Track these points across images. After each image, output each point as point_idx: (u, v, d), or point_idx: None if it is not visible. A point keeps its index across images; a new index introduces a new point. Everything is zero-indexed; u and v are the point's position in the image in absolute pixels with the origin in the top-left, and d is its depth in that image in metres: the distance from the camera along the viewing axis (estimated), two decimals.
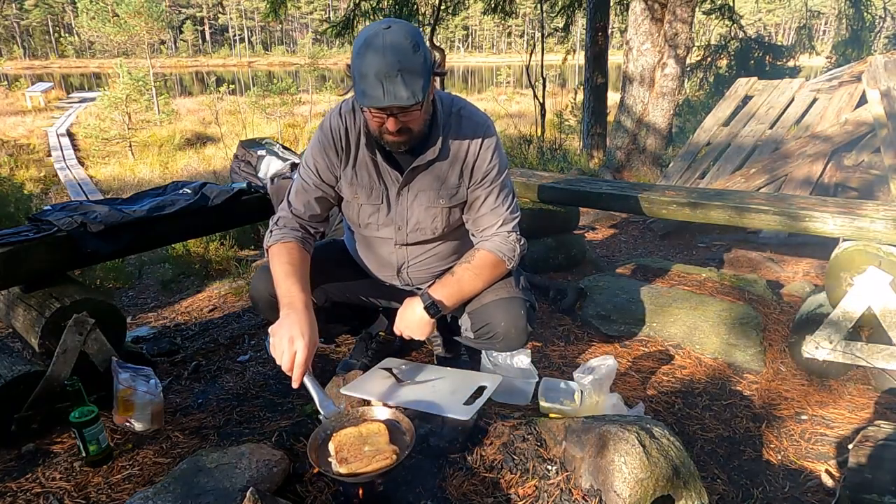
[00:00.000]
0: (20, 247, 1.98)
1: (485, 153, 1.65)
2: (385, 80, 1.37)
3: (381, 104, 1.39)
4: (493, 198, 1.69)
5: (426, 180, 1.66)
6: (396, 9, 9.13)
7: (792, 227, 2.34)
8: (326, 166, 1.70)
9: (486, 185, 1.67)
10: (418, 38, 1.43)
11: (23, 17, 69.18)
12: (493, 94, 26.69)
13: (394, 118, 1.45)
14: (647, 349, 2.32)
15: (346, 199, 1.74)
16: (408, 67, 1.38)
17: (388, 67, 1.37)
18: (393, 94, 1.38)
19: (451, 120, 1.64)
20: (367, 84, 1.39)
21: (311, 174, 1.72)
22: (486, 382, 1.63)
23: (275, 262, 1.66)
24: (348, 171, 1.68)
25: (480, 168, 1.66)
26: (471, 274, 1.67)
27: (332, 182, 1.72)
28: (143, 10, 23.65)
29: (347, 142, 1.66)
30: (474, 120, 1.66)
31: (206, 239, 4.44)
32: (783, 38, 36.28)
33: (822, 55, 13.10)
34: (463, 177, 1.67)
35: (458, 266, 1.70)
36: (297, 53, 58.64)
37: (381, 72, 1.37)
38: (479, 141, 1.64)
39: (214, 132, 18.07)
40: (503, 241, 1.70)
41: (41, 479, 1.59)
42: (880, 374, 2.05)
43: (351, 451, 1.33)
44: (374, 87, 1.38)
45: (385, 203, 1.69)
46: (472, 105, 1.72)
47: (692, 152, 4.85)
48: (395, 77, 1.37)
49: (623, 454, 1.30)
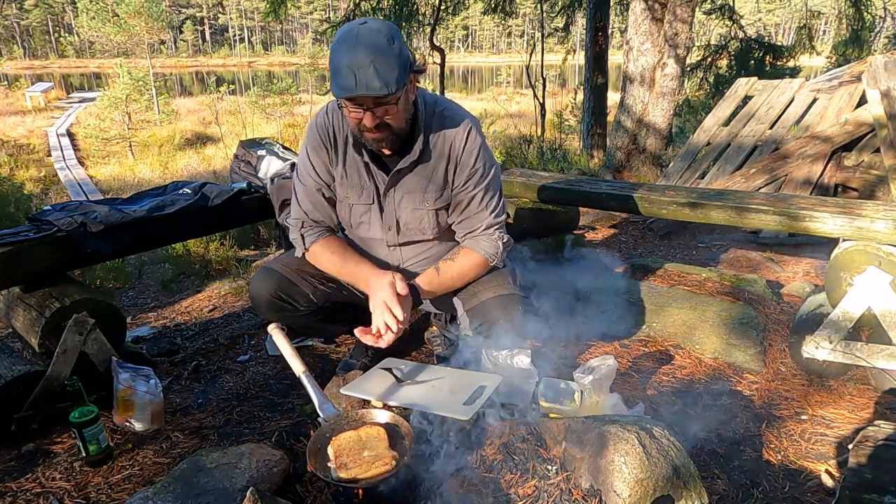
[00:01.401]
0: (20, 247, 1.98)
1: (468, 155, 1.64)
2: (357, 70, 1.38)
3: (354, 93, 1.39)
4: (478, 201, 1.69)
5: (411, 182, 1.66)
6: (396, 9, 9.11)
7: (792, 227, 2.34)
8: (322, 164, 1.70)
9: (471, 188, 1.67)
10: (394, 32, 1.44)
11: (23, 17, 69.18)
12: (493, 94, 26.72)
13: (370, 113, 1.44)
14: (647, 349, 2.32)
15: (339, 199, 1.74)
16: (381, 59, 1.39)
17: (361, 59, 1.38)
18: (365, 84, 1.38)
19: (433, 120, 1.63)
20: (341, 76, 1.40)
21: (309, 175, 1.72)
22: (486, 382, 1.63)
23: (323, 259, 1.72)
24: (339, 169, 1.69)
25: (464, 170, 1.65)
26: (450, 268, 1.70)
27: (329, 181, 1.72)
28: (143, 10, 23.66)
29: (336, 139, 1.67)
30: (457, 120, 1.65)
31: (206, 239, 4.45)
32: (783, 38, 36.28)
33: (822, 55, 13.11)
34: (448, 178, 1.67)
35: (441, 262, 1.72)
36: (297, 53, 58.62)
37: (353, 63, 1.38)
38: (463, 142, 1.64)
39: (214, 132, 18.07)
40: (486, 240, 1.71)
41: (41, 479, 1.59)
42: (880, 374, 2.05)
43: (350, 455, 1.33)
44: (347, 78, 1.39)
45: (376, 203, 1.70)
46: (457, 105, 1.72)
47: (692, 152, 4.85)
48: (367, 68, 1.38)
49: (623, 454, 1.30)
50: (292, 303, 1.77)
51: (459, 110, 1.69)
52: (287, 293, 1.76)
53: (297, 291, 1.76)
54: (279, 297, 1.75)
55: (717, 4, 10.16)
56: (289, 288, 1.76)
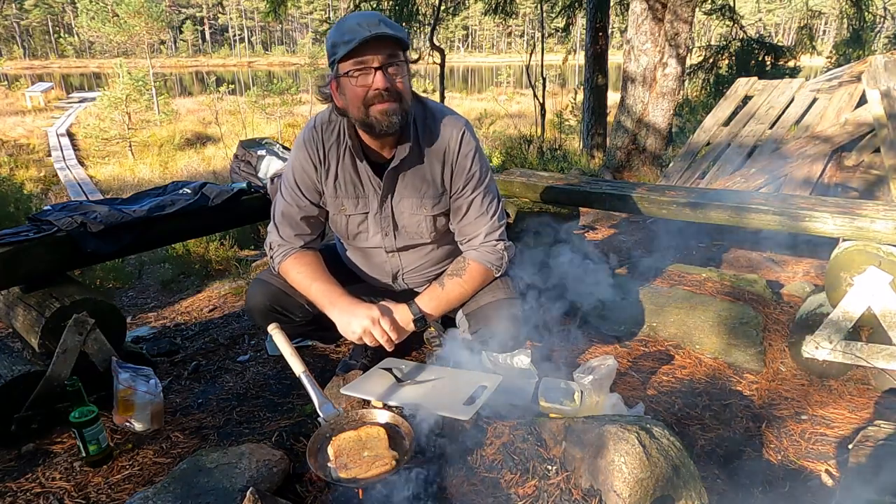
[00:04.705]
0: (20, 247, 1.98)
1: (464, 158, 1.63)
2: (368, 25, 1.39)
3: (364, 35, 1.37)
4: (478, 206, 1.68)
5: (408, 187, 1.64)
6: (396, 9, 9.12)
7: (792, 227, 2.34)
8: (309, 183, 1.68)
9: (469, 193, 1.66)
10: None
11: (23, 17, 69.17)
12: (493, 94, 26.73)
13: (381, 73, 1.42)
14: (647, 349, 2.32)
15: (332, 214, 1.72)
16: (388, 20, 1.42)
17: (369, 18, 1.41)
18: (378, 30, 1.39)
19: (426, 119, 1.62)
20: (350, 33, 1.40)
21: (293, 194, 1.70)
22: (486, 382, 1.63)
23: (292, 275, 1.69)
24: (329, 183, 1.66)
25: (462, 174, 1.64)
26: (459, 289, 1.69)
27: (316, 200, 1.70)
28: (143, 10, 23.66)
29: (326, 155, 1.64)
30: (449, 122, 1.64)
31: (206, 239, 4.45)
32: (783, 39, 36.28)
33: (822, 55, 13.11)
34: (445, 183, 1.65)
35: (446, 278, 1.70)
36: (297, 53, 58.62)
37: (362, 21, 1.41)
38: (458, 144, 1.62)
39: (214, 132, 18.07)
40: (490, 251, 1.70)
41: (41, 479, 1.59)
42: (880, 374, 2.05)
43: (350, 456, 1.33)
44: (357, 31, 1.39)
45: (372, 211, 1.68)
46: (450, 109, 1.70)
47: (692, 152, 4.85)
48: (377, 24, 1.40)
49: (623, 454, 1.30)
50: (288, 314, 1.75)
51: (450, 111, 1.68)
52: (282, 305, 1.74)
53: (292, 303, 1.74)
54: (274, 309, 1.73)
55: (718, 5, 10.16)
56: (284, 300, 1.74)
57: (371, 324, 1.53)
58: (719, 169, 4.48)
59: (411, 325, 1.63)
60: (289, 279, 1.70)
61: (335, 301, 1.59)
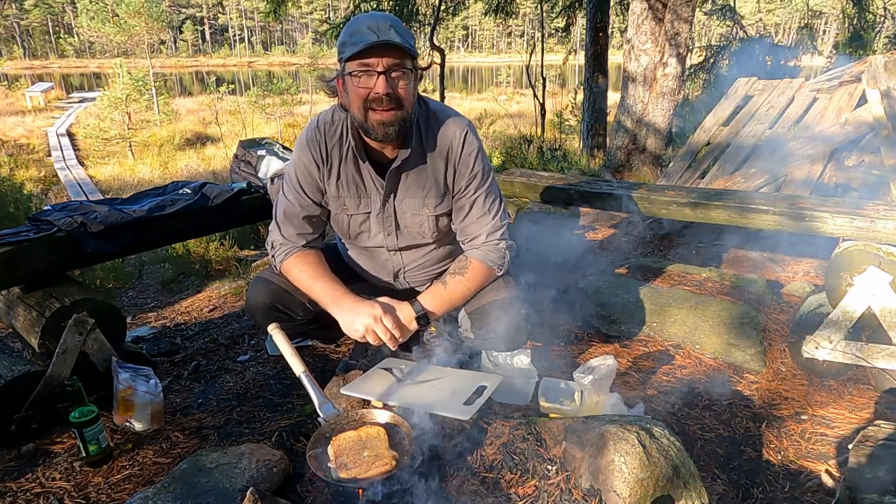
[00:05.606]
0: (20, 247, 1.98)
1: (467, 157, 1.63)
2: (378, 29, 1.40)
3: (371, 40, 1.38)
4: (480, 206, 1.68)
5: (410, 188, 1.65)
6: (397, 9, 9.13)
7: (792, 227, 2.34)
8: (311, 182, 1.68)
9: (472, 193, 1.66)
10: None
11: (23, 17, 69.19)
12: (493, 94, 26.74)
13: (384, 78, 1.42)
14: (647, 349, 2.32)
15: (334, 213, 1.72)
16: (399, 25, 1.43)
17: (380, 21, 1.42)
18: (386, 37, 1.39)
19: (428, 119, 1.63)
20: (359, 34, 1.41)
21: (296, 193, 1.70)
22: (486, 382, 1.63)
23: (294, 273, 1.69)
24: (332, 183, 1.67)
25: (464, 173, 1.64)
26: (462, 287, 1.69)
27: (318, 199, 1.70)
28: (143, 10, 23.66)
29: (328, 153, 1.64)
30: (452, 122, 1.64)
31: (206, 239, 4.44)
32: (783, 38, 36.28)
33: (822, 55, 13.11)
34: (448, 182, 1.66)
35: (449, 276, 1.70)
36: (297, 53, 58.68)
37: (373, 24, 1.41)
38: (461, 144, 1.63)
39: (214, 132, 18.07)
40: (492, 250, 1.70)
41: (41, 479, 1.59)
42: (880, 374, 2.05)
43: (350, 456, 1.33)
44: (367, 34, 1.40)
45: (374, 210, 1.68)
46: (452, 109, 1.71)
47: (692, 152, 4.85)
48: (387, 29, 1.40)
49: (623, 454, 1.30)
50: (289, 312, 1.75)
51: (453, 112, 1.69)
52: (283, 303, 1.74)
53: (293, 301, 1.74)
54: (276, 308, 1.73)
55: (719, 5, 10.16)
56: (285, 298, 1.74)
57: (374, 322, 1.52)
58: (719, 169, 4.48)
59: (414, 323, 1.62)
60: (291, 278, 1.70)
61: (338, 299, 1.59)
